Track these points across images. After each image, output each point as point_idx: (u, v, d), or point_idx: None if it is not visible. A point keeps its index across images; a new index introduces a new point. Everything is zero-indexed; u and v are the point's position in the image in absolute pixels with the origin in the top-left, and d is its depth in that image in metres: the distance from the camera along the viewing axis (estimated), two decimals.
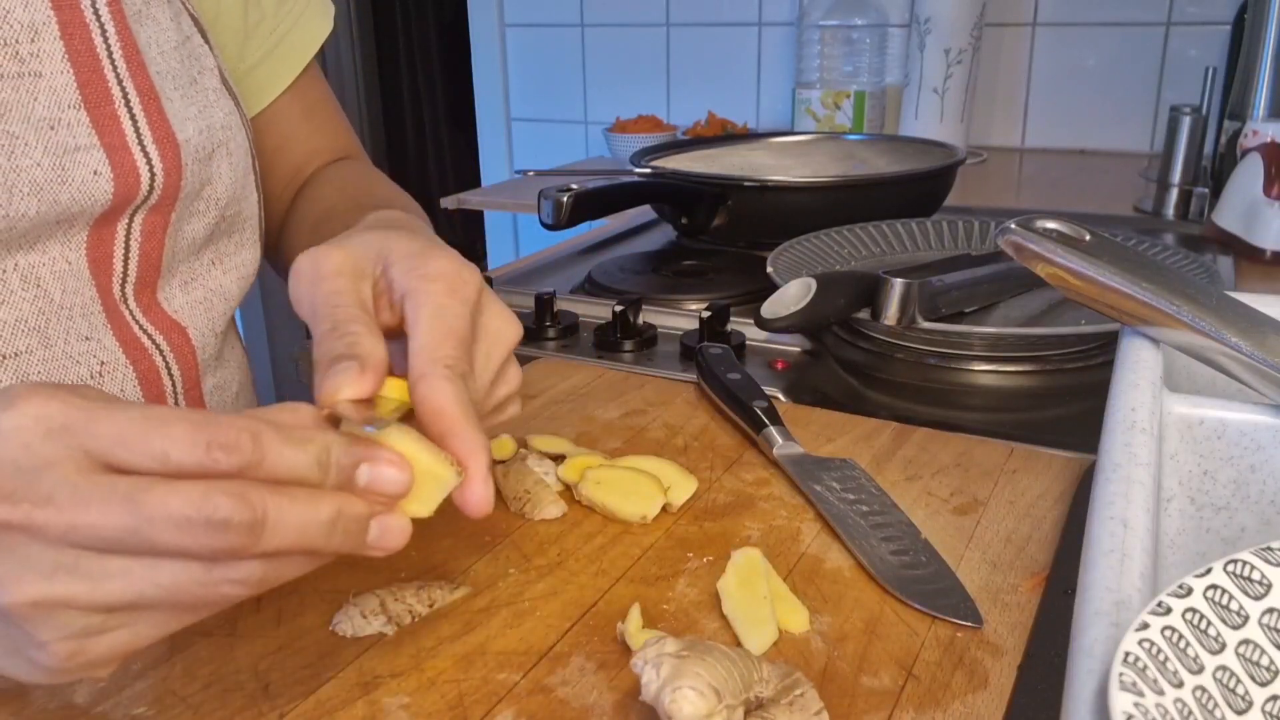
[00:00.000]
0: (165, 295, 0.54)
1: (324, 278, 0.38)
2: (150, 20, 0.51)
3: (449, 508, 0.37)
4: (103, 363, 0.50)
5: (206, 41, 0.55)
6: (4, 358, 0.46)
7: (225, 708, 0.38)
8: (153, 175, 0.49)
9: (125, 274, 0.51)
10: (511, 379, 0.43)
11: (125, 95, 0.48)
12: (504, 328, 0.42)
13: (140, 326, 0.52)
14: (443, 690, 0.39)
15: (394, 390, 0.37)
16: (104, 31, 0.47)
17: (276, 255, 0.68)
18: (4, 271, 0.46)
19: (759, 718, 0.35)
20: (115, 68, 0.48)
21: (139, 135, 0.48)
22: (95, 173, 0.46)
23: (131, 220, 0.50)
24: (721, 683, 0.34)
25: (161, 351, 0.53)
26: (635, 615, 0.42)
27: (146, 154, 0.48)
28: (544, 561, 0.48)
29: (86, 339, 0.49)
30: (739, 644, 0.41)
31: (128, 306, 0.51)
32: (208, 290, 0.56)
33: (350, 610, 0.43)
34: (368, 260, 0.40)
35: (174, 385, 0.54)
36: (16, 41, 0.44)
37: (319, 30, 0.67)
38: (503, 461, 0.57)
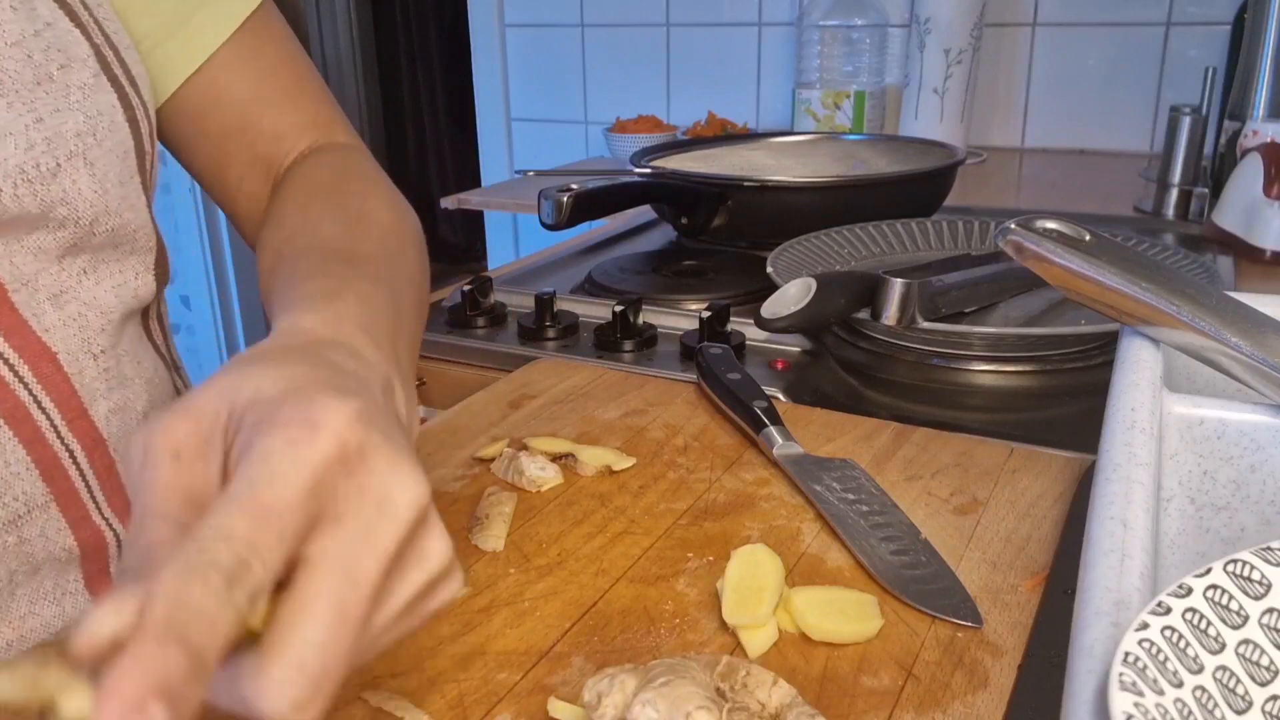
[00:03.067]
0: (33, 312, 0.47)
1: (151, 462, 0.28)
2: None
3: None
4: None
5: (81, 24, 0.47)
6: None
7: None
8: None
9: None
10: (428, 558, 0.30)
11: None
12: (392, 491, 0.28)
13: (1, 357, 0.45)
14: (443, 690, 0.39)
15: None
16: None
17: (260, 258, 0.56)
18: None
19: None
20: None
21: None
22: None
23: None
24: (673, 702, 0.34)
25: (26, 384, 0.46)
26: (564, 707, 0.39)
27: None
28: (544, 561, 0.48)
29: None
30: (738, 644, 0.41)
31: None
32: (81, 305, 0.49)
33: None
34: (218, 428, 0.29)
35: (49, 419, 0.47)
36: None
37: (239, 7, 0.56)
38: (493, 460, 0.57)
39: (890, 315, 0.71)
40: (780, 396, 0.68)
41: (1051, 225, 0.46)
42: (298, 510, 0.26)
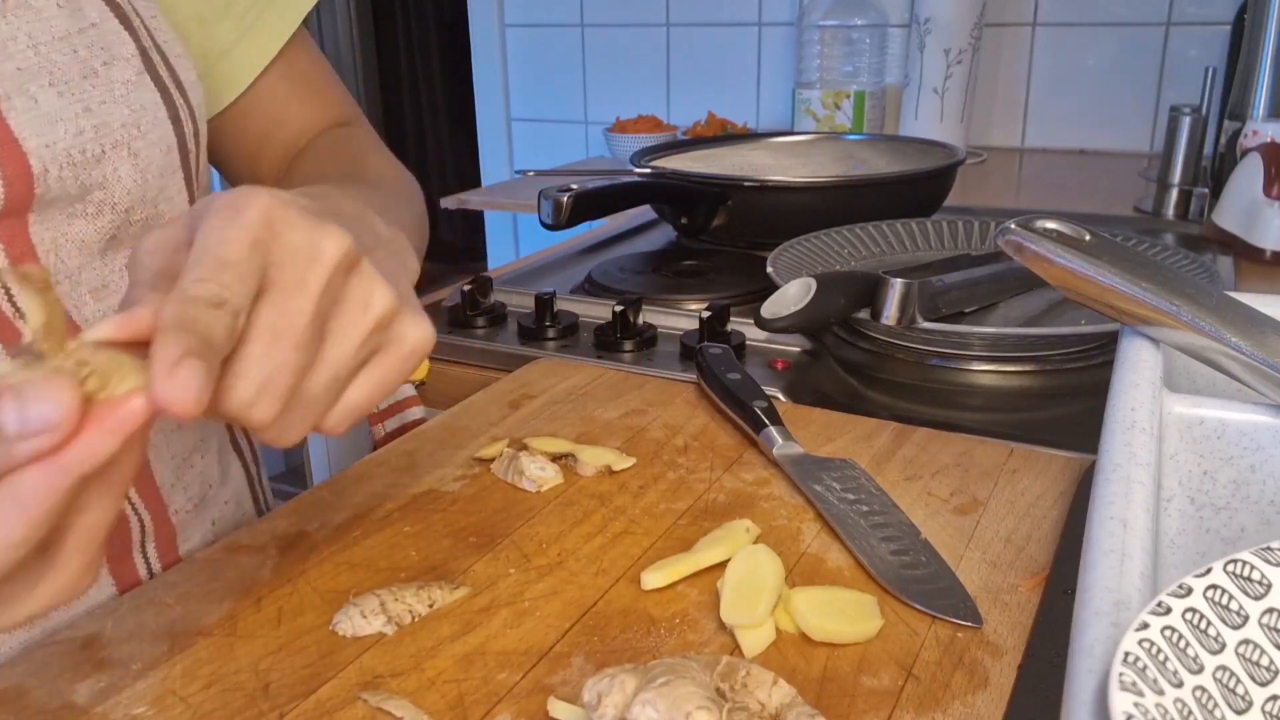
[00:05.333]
0: (74, 304, 0.49)
1: (140, 261, 0.35)
2: (25, 9, 0.46)
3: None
4: None
5: (130, 27, 0.50)
6: None
7: (225, 708, 0.38)
8: None
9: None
10: (370, 303, 0.36)
11: None
12: (316, 242, 0.34)
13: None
14: (443, 690, 0.39)
15: None
16: None
17: None
18: None
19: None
20: None
21: None
22: None
23: None
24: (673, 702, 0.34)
25: None
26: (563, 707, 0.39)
27: None
28: (544, 561, 0.48)
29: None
30: (737, 644, 0.41)
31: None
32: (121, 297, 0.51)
33: (350, 610, 0.43)
34: (185, 227, 0.35)
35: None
36: None
37: (299, 6, 0.62)
38: (493, 460, 0.57)
39: (890, 315, 0.71)
40: (780, 396, 0.68)
41: (1051, 225, 0.46)
42: (244, 261, 0.32)
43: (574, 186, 0.92)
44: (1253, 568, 0.27)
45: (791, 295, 0.70)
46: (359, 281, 0.36)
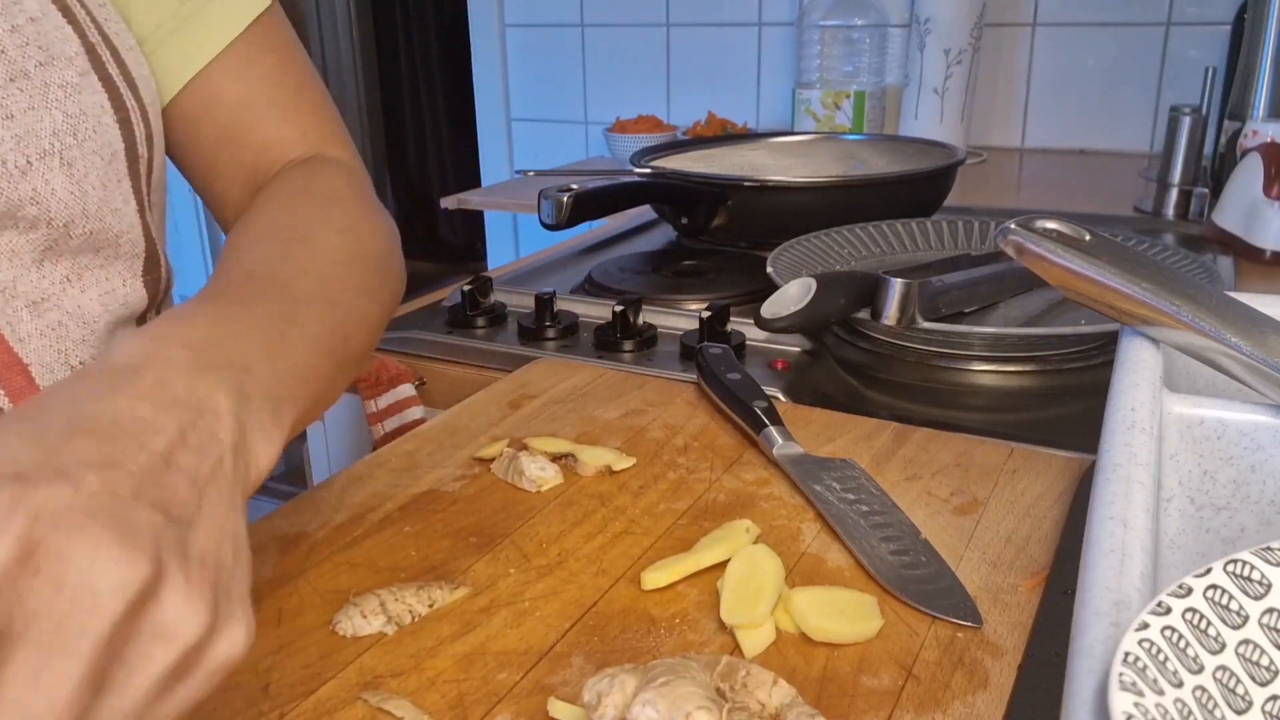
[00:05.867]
0: (8, 320, 0.45)
1: None
2: None
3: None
4: None
5: (74, 20, 0.46)
6: None
7: (225, 708, 0.38)
8: None
9: None
10: (172, 632, 0.28)
11: None
12: (92, 579, 0.26)
13: None
14: (443, 690, 0.39)
15: None
16: None
17: None
18: None
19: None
20: None
21: None
22: None
23: None
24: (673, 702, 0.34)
25: None
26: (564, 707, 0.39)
27: None
28: (544, 561, 0.48)
29: None
30: (737, 644, 0.41)
31: None
32: (63, 313, 0.47)
33: (350, 610, 0.43)
34: None
35: None
36: None
37: (251, 3, 0.55)
38: (493, 460, 0.57)
39: (890, 315, 0.71)
40: (780, 396, 0.68)
41: (1051, 225, 0.46)
42: None
43: (574, 186, 0.92)
44: (1253, 568, 0.27)
45: (791, 295, 0.70)
46: (159, 611, 0.27)
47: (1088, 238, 0.46)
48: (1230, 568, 0.27)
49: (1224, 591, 0.26)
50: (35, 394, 0.43)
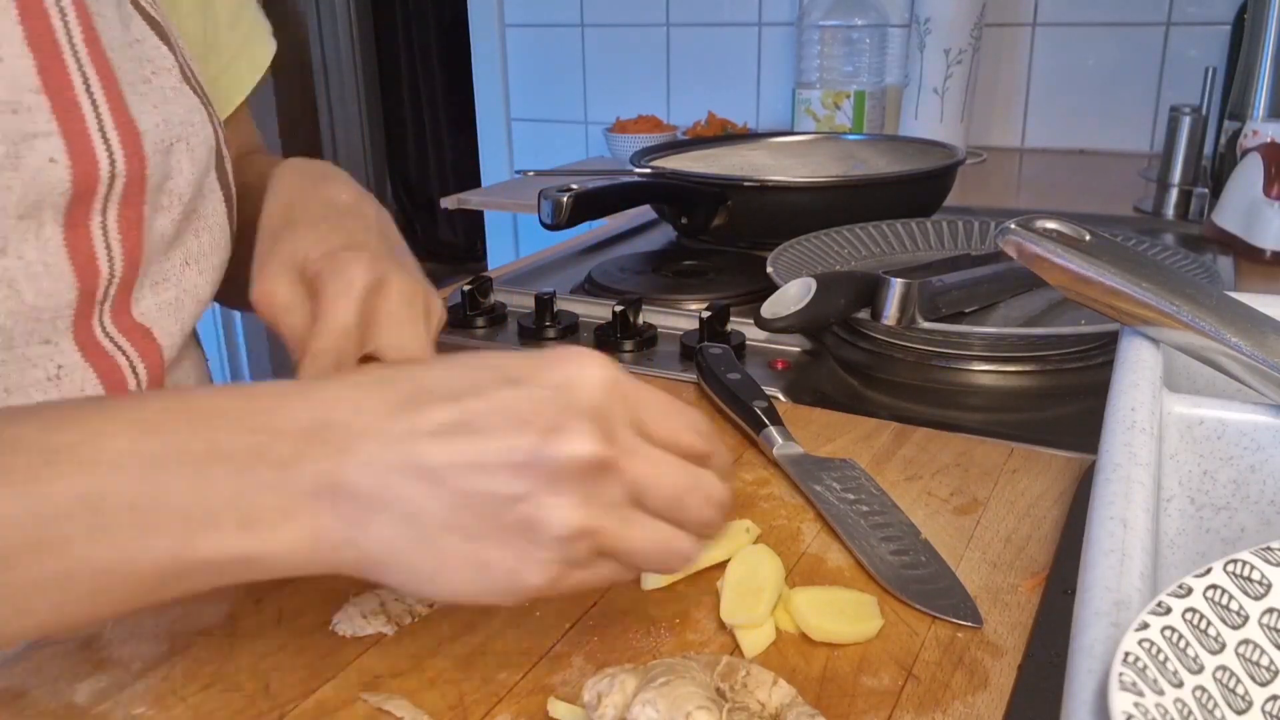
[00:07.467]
0: (135, 296, 0.52)
1: (275, 317, 0.48)
2: (99, 16, 0.49)
3: None
4: (60, 365, 0.48)
5: (166, 44, 0.54)
6: None
7: (225, 708, 0.38)
8: (112, 162, 0.47)
9: (112, 275, 0.49)
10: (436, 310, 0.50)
11: (86, 81, 0.47)
12: (413, 291, 0.49)
13: (104, 330, 0.50)
14: (443, 690, 0.39)
15: None
16: (64, 16, 0.46)
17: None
18: None
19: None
20: (76, 53, 0.46)
21: (100, 121, 0.47)
22: (51, 160, 0.45)
23: (105, 216, 0.48)
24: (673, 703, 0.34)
25: (125, 354, 0.51)
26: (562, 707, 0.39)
27: (106, 140, 0.47)
28: None
29: (45, 343, 0.48)
30: (737, 644, 0.41)
31: (101, 309, 0.50)
32: (180, 291, 0.55)
33: (350, 610, 0.43)
34: (298, 282, 0.48)
35: (139, 385, 0.52)
36: None
37: (263, 57, 0.69)
38: None
39: (890, 315, 0.71)
40: (780, 396, 0.68)
41: (1051, 225, 0.46)
42: (355, 328, 0.45)
43: (574, 186, 0.92)
44: (1253, 568, 0.27)
45: (791, 295, 0.70)
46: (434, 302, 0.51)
47: (1088, 238, 0.46)
48: (1230, 568, 0.27)
49: (1224, 591, 0.26)
50: (157, 350, 0.53)
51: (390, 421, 0.34)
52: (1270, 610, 0.27)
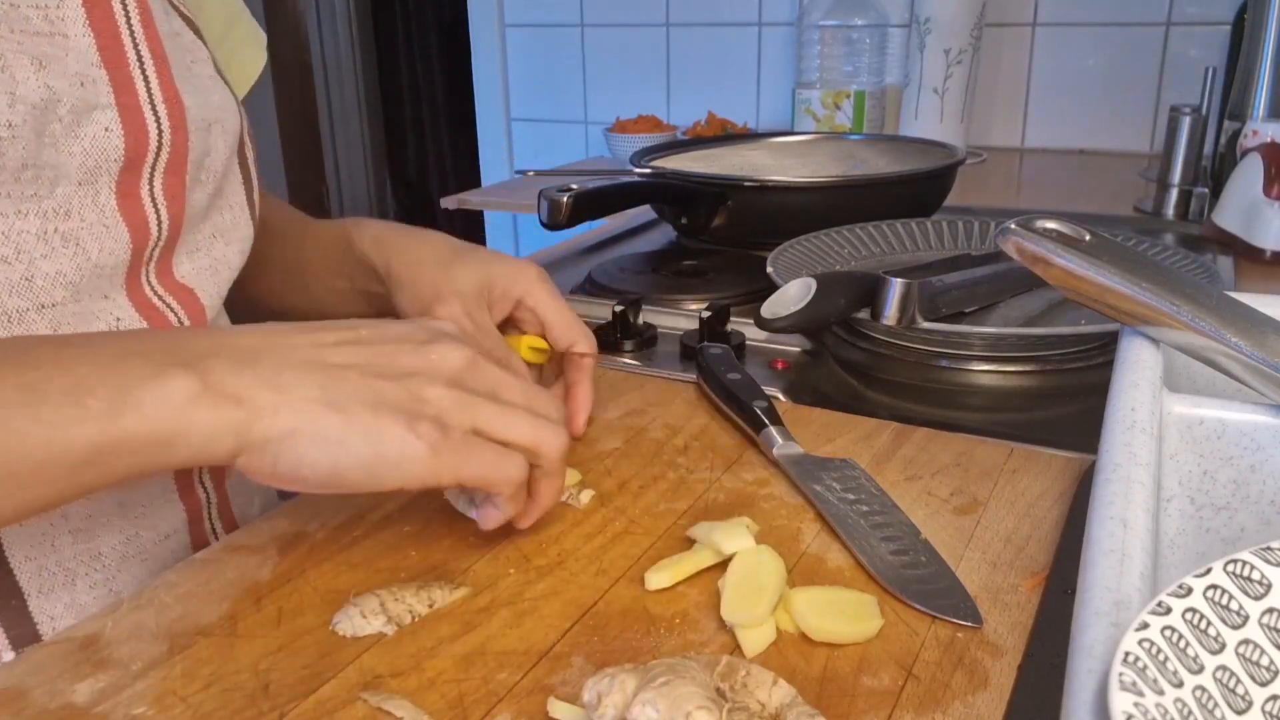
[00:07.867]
0: (175, 260, 0.56)
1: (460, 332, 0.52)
2: (155, 5, 0.54)
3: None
4: (118, 319, 0.52)
5: (202, 39, 0.58)
6: (43, 307, 0.49)
7: (225, 708, 0.38)
8: (160, 134, 0.52)
9: (159, 237, 0.53)
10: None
11: (140, 58, 0.51)
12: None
13: (151, 288, 0.54)
14: (443, 690, 0.39)
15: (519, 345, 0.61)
16: (125, 4, 0.51)
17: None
18: (46, 233, 0.49)
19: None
20: (132, 32, 0.51)
21: (150, 95, 0.51)
22: (106, 129, 0.49)
23: (152, 183, 0.52)
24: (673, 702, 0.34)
25: (174, 310, 0.55)
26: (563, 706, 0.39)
27: (156, 113, 0.52)
28: (544, 561, 0.48)
29: (105, 297, 0.52)
30: (737, 644, 0.41)
31: (148, 269, 0.54)
32: (213, 259, 0.59)
33: (350, 610, 0.43)
34: (473, 305, 0.60)
35: None
36: (45, 5, 0.48)
37: (255, 64, 0.72)
38: None
39: (890, 315, 0.71)
40: (780, 396, 0.68)
41: (1051, 225, 0.46)
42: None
43: (574, 186, 0.92)
44: (1253, 568, 0.27)
45: (791, 295, 0.70)
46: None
47: (1088, 238, 0.46)
48: (1230, 568, 0.27)
49: (1224, 591, 0.26)
50: (200, 309, 0.57)
51: (294, 338, 0.44)
52: (1270, 610, 0.27)
